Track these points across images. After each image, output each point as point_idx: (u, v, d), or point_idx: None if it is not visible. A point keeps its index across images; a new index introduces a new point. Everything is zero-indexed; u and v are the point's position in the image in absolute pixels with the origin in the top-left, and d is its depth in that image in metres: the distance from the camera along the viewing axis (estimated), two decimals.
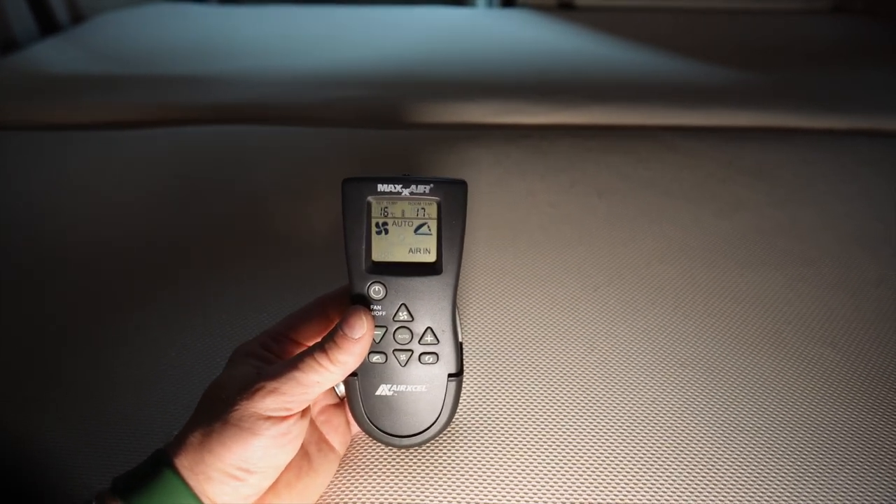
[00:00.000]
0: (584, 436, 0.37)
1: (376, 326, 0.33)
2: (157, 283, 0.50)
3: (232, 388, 0.29)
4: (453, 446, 0.37)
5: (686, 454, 0.36)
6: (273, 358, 0.33)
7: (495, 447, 0.37)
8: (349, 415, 0.35)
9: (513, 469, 0.35)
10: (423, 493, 0.34)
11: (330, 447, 0.34)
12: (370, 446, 0.37)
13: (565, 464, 0.36)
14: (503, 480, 0.35)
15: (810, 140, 0.72)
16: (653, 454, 0.36)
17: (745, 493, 0.34)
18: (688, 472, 0.35)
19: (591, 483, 0.35)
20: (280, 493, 0.31)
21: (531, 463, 0.36)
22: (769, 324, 0.46)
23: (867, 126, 0.78)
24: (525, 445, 0.37)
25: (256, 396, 0.29)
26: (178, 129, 0.76)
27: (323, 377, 0.30)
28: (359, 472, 0.35)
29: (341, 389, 0.36)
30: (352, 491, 0.34)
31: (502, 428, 0.38)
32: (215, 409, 0.29)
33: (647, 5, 1.39)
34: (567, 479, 0.35)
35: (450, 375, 0.34)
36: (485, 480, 0.35)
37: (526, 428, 0.38)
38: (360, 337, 0.31)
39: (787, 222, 0.57)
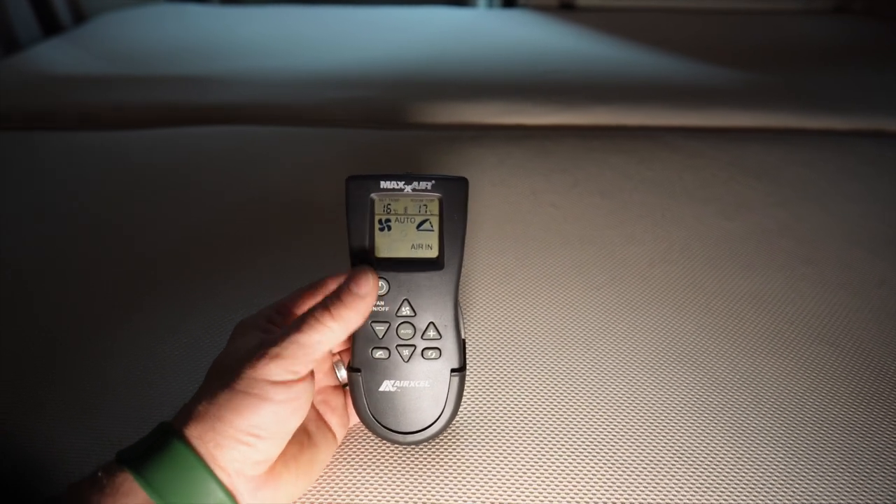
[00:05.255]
0: (585, 434, 0.37)
1: (379, 322, 0.34)
2: (159, 282, 0.50)
3: (237, 358, 0.30)
4: (455, 444, 0.37)
5: (687, 453, 0.36)
6: (276, 330, 0.33)
7: (497, 445, 0.37)
8: (349, 400, 0.36)
9: (514, 467, 0.35)
10: (425, 489, 0.34)
11: (328, 427, 0.34)
12: (372, 442, 0.37)
13: (566, 462, 0.36)
14: (504, 478, 0.35)
15: (812, 141, 0.72)
16: (654, 453, 0.36)
17: (746, 491, 0.34)
18: (688, 471, 0.35)
19: (592, 481, 0.35)
20: (288, 464, 0.31)
21: (532, 461, 0.36)
22: (771, 324, 0.46)
23: (869, 126, 0.79)
24: (526, 444, 0.37)
25: (260, 364, 0.29)
26: (180, 130, 0.76)
27: (325, 336, 0.30)
28: (361, 468, 0.35)
29: (342, 375, 0.36)
30: (355, 486, 0.34)
31: (504, 426, 0.38)
32: (222, 379, 0.29)
33: (648, 6, 1.39)
34: (568, 476, 0.35)
35: (452, 370, 0.34)
36: (486, 478, 0.35)
37: (527, 427, 0.38)
38: (365, 294, 0.31)
39: (789, 223, 0.57)
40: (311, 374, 0.31)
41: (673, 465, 0.35)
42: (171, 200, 0.61)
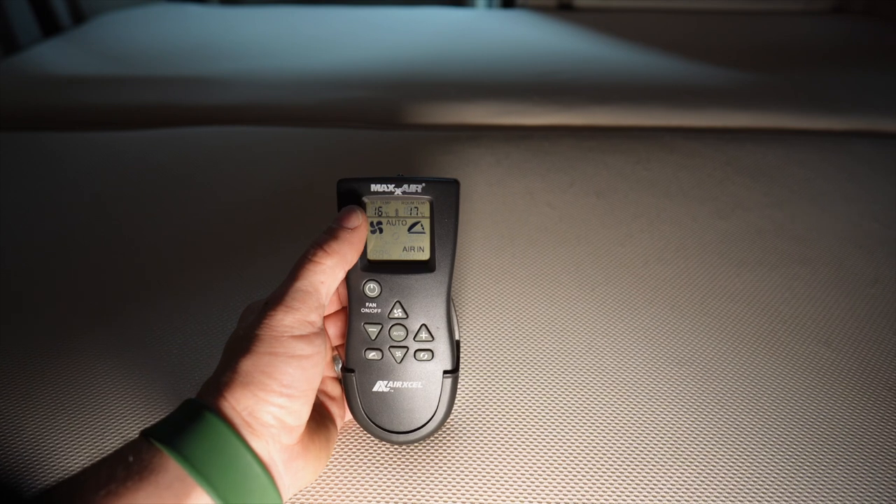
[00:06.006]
0: (581, 433, 0.38)
1: (372, 323, 0.34)
2: (158, 282, 0.50)
3: (247, 328, 0.30)
4: (450, 443, 0.37)
5: (682, 451, 0.36)
6: None
7: (492, 444, 0.37)
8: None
9: (508, 466, 0.36)
10: (419, 489, 0.34)
11: (329, 412, 0.35)
12: (366, 441, 0.37)
13: (561, 461, 0.36)
14: (499, 477, 0.35)
15: (808, 141, 0.72)
16: (649, 451, 0.36)
17: (739, 489, 0.34)
18: (683, 469, 0.35)
19: (587, 480, 0.35)
20: (313, 438, 0.31)
21: (527, 459, 0.36)
22: (765, 322, 0.46)
23: (865, 127, 0.79)
24: (521, 442, 0.37)
25: (274, 321, 0.29)
26: (179, 130, 0.76)
27: (324, 275, 0.30)
28: (354, 467, 0.35)
29: (340, 368, 0.36)
30: (348, 484, 0.35)
31: (499, 425, 0.38)
32: (241, 349, 0.29)
33: (646, 6, 1.39)
34: (563, 475, 0.35)
35: (445, 372, 0.35)
36: (481, 477, 0.35)
37: (522, 425, 0.38)
38: (354, 225, 0.32)
39: (784, 222, 0.57)
40: (324, 328, 0.31)
41: (667, 462, 0.36)
42: (170, 201, 0.62)
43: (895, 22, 1.24)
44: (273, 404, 0.28)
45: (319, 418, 0.33)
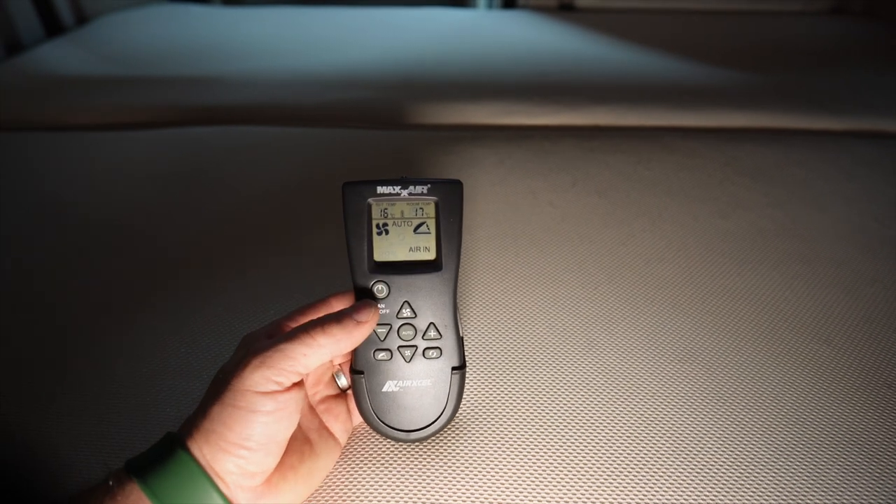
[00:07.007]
0: (585, 430, 0.38)
1: (381, 324, 0.34)
2: (162, 282, 0.51)
3: (228, 370, 0.31)
4: (456, 441, 0.37)
5: (683, 448, 0.37)
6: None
7: (494, 442, 0.37)
8: (351, 404, 0.37)
9: (514, 463, 0.36)
10: (427, 486, 0.35)
11: (330, 434, 0.35)
12: (375, 440, 0.37)
13: (564, 458, 0.36)
14: (505, 474, 0.35)
15: (808, 141, 0.73)
16: (651, 448, 0.37)
17: (740, 486, 0.35)
18: (685, 466, 0.36)
19: (592, 478, 0.35)
20: (286, 475, 0.32)
21: (532, 457, 0.36)
22: (766, 321, 0.46)
23: (864, 127, 0.79)
24: (527, 440, 0.37)
25: (245, 373, 0.29)
26: (182, 130, 0.77)
27: (311, 349, 0.31)
28: (364, 466, 0.36)
29: (343, 381, 0.37)
30: (358, 484, 0.35)
31: (504, 423, 0.39)
32: (215, 392, 0.30)
33: (646, 7, 1.40)
34: (565, 473, 0.36)
35: (453, 369, 0.35)
36: (487, 474, 0.36)
37: (527, 423, 0.39)
38: (363, 321, 0.32)
39: (784, 222, 0.58)
40: (301, 384, 0.31)
41: (670, 459, 0.36)
42: (173, 201, 0.62)
43: (894, 22, 1.25)
44: (232, 455, 0.29)
45: (308, 451, 0.33)
